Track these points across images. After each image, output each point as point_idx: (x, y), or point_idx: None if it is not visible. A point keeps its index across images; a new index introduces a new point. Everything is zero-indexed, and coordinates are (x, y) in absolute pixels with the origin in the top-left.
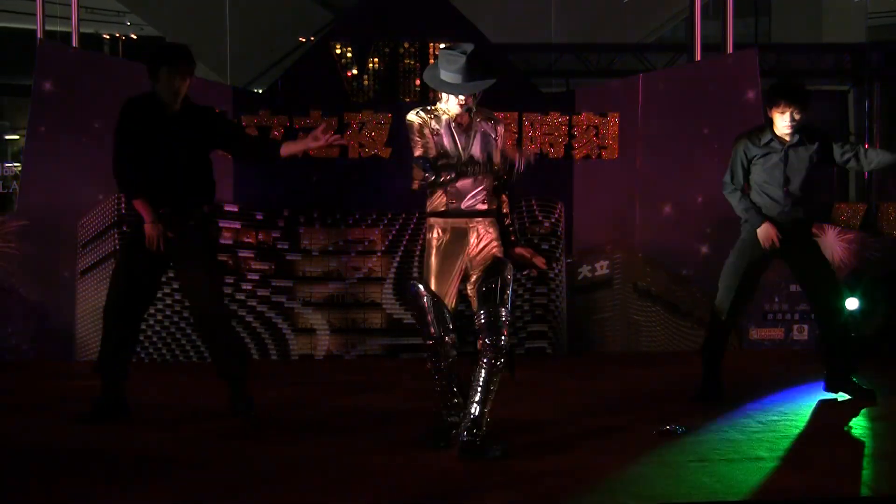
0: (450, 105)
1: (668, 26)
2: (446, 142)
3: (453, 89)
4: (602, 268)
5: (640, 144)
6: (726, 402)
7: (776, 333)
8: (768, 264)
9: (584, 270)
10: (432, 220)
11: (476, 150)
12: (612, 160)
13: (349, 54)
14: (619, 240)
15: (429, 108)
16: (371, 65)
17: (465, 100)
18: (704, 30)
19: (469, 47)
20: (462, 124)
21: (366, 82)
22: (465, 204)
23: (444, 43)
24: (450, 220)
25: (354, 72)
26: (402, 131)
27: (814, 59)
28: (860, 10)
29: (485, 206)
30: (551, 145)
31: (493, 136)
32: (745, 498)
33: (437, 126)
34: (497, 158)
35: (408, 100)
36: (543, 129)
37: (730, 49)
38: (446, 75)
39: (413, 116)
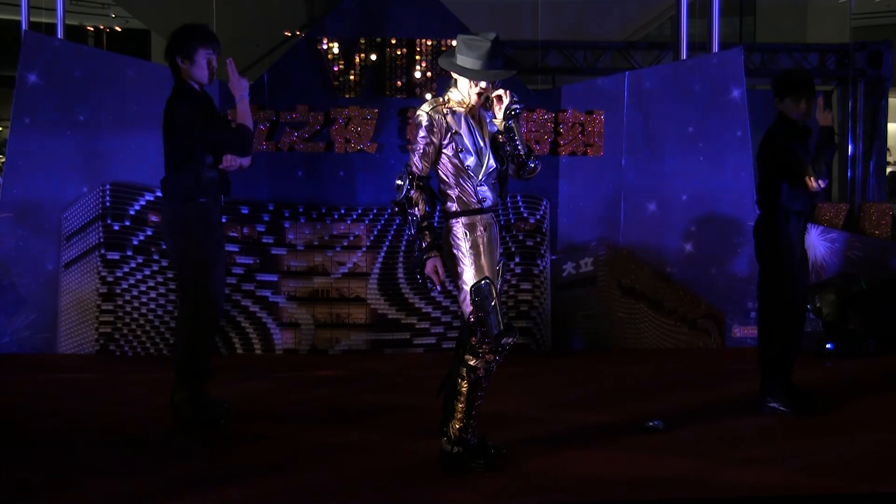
0: (469, 94)
1: (653, 25)
2: (467, 140)
3: (474, 75)
4: (586, 265)
5: (626, 142)
6: (715, 400)
7: None
8: None
9: (569, 267)
10: (471, 217)
11: (489, 142)
12: (598, 157)
13: (336, 50)
14: (603, 237)
15: (442, 100)
16: (358, 60)
17: (485, 88)
18: (690, 29)
19: (492, 35)
20: (475, 117)
21: (352, 78)
22: (491, 197)
23: (431, 40)
24: (485, 216)
25: (341, 67)
26: (387, 127)
27: (798, 59)
28: (844, 11)
29: (498, 195)
30: (537, 142)
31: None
32: (740, 496)
33: (453, 124)
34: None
35: (399, 96)
36: (529, 126)
37: (715, 48)
38: (465, 60)
39: (425, 112)
